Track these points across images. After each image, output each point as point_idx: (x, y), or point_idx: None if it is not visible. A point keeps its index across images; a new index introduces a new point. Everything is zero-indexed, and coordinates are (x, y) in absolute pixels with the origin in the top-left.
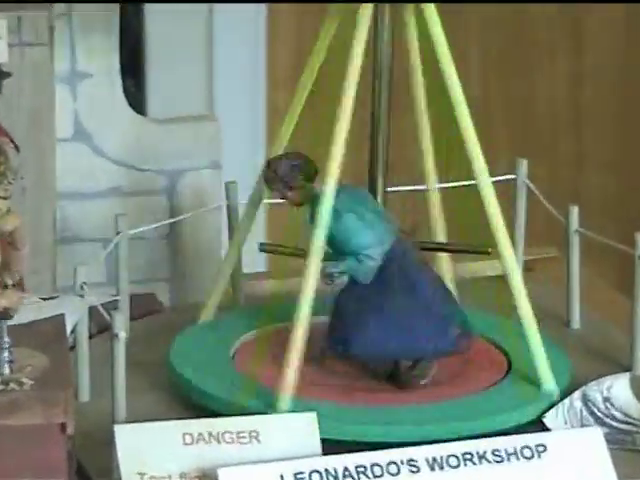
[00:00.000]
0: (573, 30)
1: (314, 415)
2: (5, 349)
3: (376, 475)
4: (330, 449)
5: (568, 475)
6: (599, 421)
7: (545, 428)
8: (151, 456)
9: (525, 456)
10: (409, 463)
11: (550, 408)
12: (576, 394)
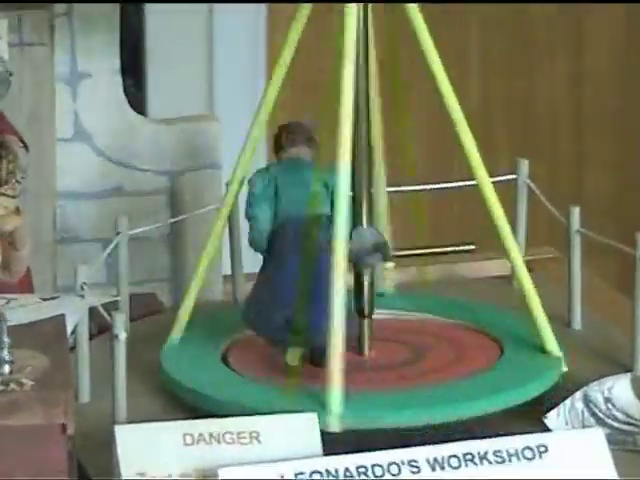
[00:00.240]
0: (573, 30)
1: (314, 415)
2: (5, 348)
3: (377, 475)
4: (331, 449)
5: (569, 476)
6: (600, 422)
7: (546, 429)
8: (151, 457)
9: (526, 457)
10: (410, 464)
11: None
12: (577, 395)
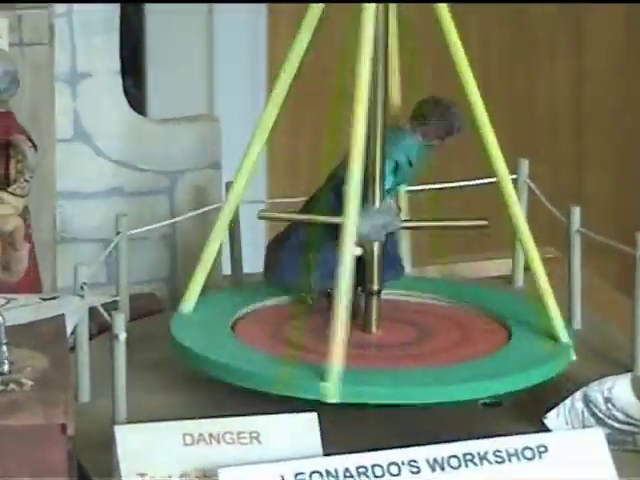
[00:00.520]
0: (573, 30)
1: (314, 415)
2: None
3: (377, 475)
4: (331, 450)
5: (569, 476)
6: (600, 422)
7: (546, 429)
8: (151, 457)
9: (526, 457)
10: (410, 464)
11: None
12: (577, 395)
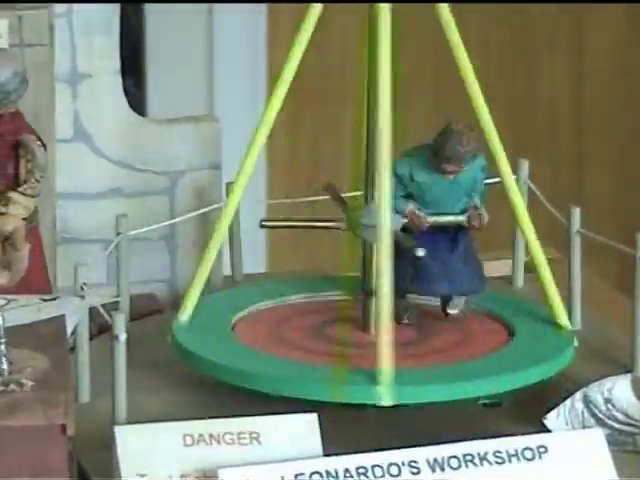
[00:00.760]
0: (574, 30)
1: (314, 416)
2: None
3: (377, 476)
4: (331, 450)
5: (569, 476)
6: (600, 422)
7: (546, 429)
8: (151, 457)
9: (526, 457)
10: (410, 464)
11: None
12: (577, 395)
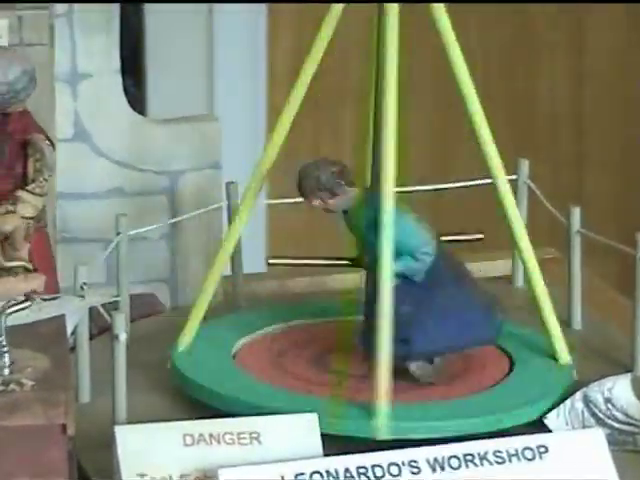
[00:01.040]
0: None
1: (315, 416)
2: (6, 351)
3: (377, 476)
4: (331, 450)
5: (569, 476)
6: (600, 422)
7: (546, 429)
8: (152, 457)
9: (526, 457)
10: (410, 464)
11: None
12: (577, 395)
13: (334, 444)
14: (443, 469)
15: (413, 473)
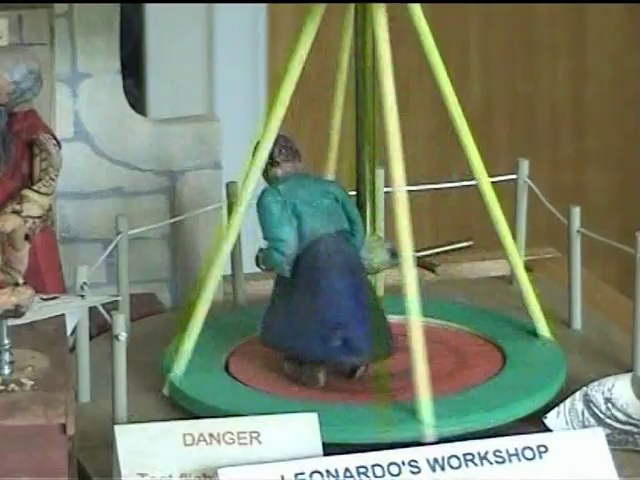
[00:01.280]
0: (574, 30)
1: (315, 415)
2: (6, 350)
3: (377, 476)
4: (331, 450)
5: (569, 476)
6: (600, 422)
7: (546, 429)
8: (152, 457)
9: (526, 457)
10: (410, 464)
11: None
12: (577, 395)
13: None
14: (443, 469)
15: (413, 473)
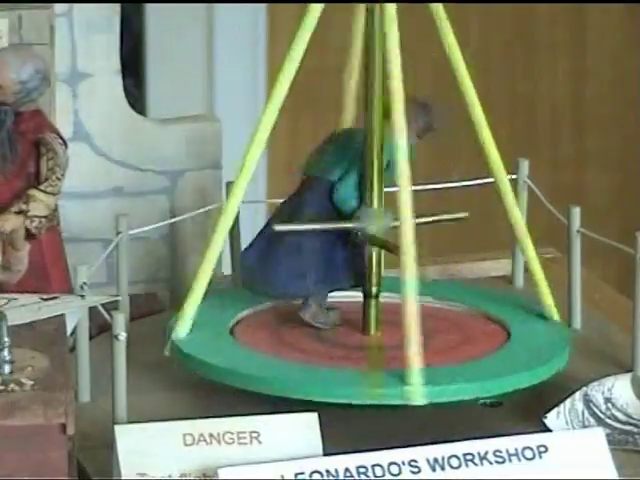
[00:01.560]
0: (574, 30)
1: (314, 415)
2: (5, 348)
3: (377, 475)
4: (331, 450)
5: (569, 476)
6: (600, 422)
7: (546, 429)
8: (152, 457)
9: (526, 457)
10: (410, 464)
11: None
12: (577, 395)
13: (337, 441)
14: (443, 469)
15: (413, 473)
